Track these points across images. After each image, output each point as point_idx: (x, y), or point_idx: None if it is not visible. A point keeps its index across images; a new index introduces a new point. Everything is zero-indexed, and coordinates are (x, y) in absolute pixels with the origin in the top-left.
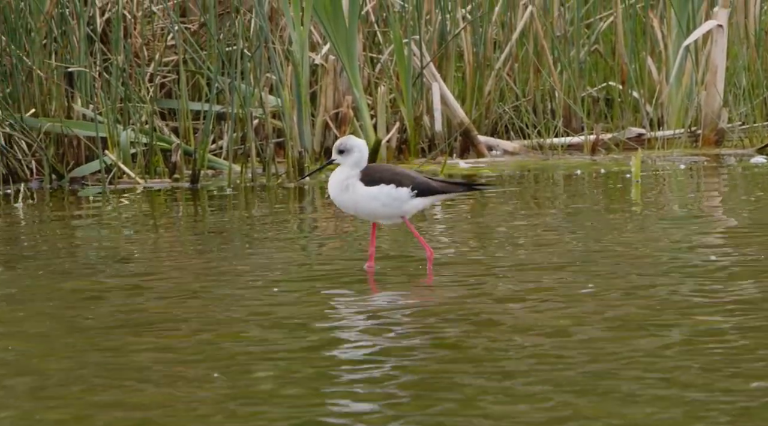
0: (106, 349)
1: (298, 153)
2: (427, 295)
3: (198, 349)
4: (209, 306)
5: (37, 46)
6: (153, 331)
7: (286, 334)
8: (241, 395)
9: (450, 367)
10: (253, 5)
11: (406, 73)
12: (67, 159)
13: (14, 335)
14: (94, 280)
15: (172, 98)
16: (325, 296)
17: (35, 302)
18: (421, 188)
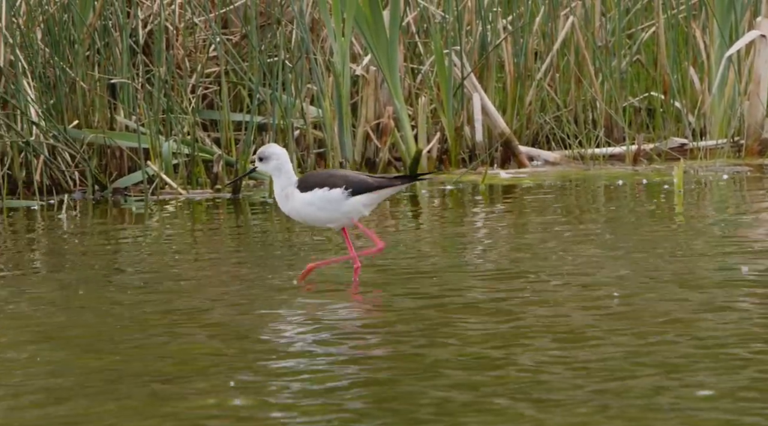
0: (147, 359)
1: (339, 163)
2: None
3: (242, 359)
4: (246, 313)
5: (80, 57)
6: (192, 339)
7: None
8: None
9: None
10: (295, 16)
11: (446, 83)
12: (109, 170)
13: (56, 345)
14: (136, 291)
15: (214, 109)
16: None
17: (76, 312)
18: (356, 187)
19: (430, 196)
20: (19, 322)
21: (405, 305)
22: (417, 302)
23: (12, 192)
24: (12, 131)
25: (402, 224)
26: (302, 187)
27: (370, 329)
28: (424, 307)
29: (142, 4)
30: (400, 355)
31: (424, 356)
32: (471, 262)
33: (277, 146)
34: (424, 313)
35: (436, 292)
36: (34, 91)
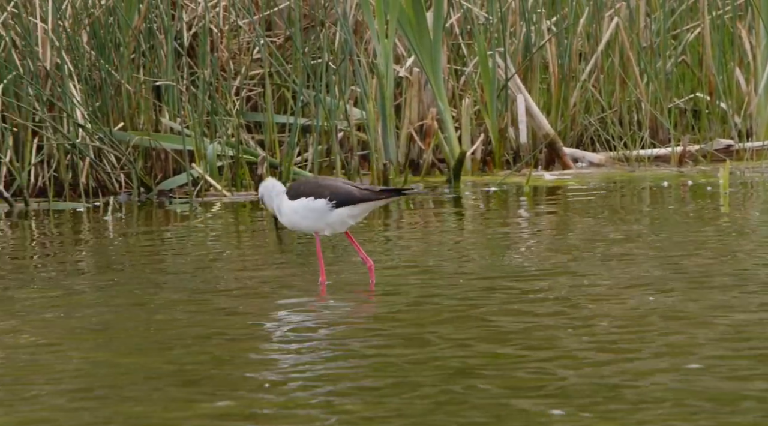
0: (189, 359)
1: (382, 165)
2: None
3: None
4: (290, 317)
5: (125, 60)
6: (238, 341)
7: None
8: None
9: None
10: (338, 19)
11: (490, 85)
12: (155, 172)
13: (101, 344)
14: (179, 292)
15: (258, 111)
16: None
17: (122, 314)
18: (341, 198)
19: (474, 198)
20: (65, 321)
21: (449, 305)
22: (458, 302)
23: (58, 194)
24: (58, 133)
25: (446, 225)
26: (291, 194)
27: (414, 330)
28: (465, 307)
29: (187, 6)
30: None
31: (466, 357)
32: (513, 263)
33: (262, 186)
34: (465, 313)
35: (476, 293)
36: (80, 93)
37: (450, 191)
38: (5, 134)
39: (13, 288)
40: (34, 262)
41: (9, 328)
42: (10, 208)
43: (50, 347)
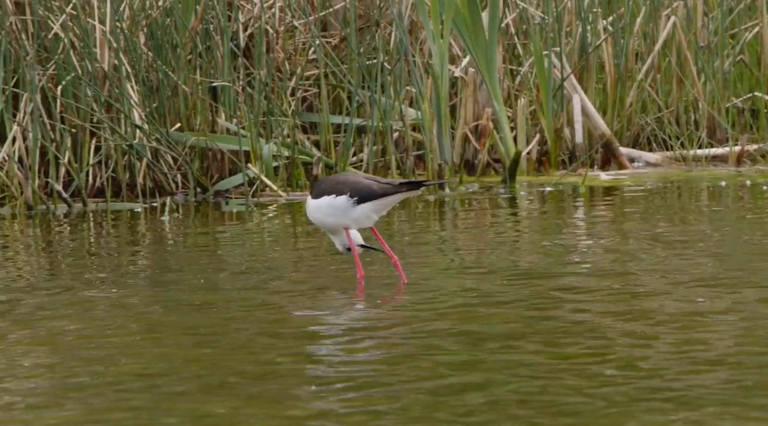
0: (246, 360)
1: (438, 165)
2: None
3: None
4: (341, 314)
5: (182, 61)
6: (293, 341)
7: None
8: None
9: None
10: (394, 19)
11: (546, 84)
12: (211, 172)
13: (160, 343)
14: (236, 293)
15: (314, 112)
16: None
17: (178, 315)
18: (362, 194)
19: (530, 198)
20: (124, 321)
21: (507, 304)
22: (515, 302)
23: (116, 194)
24: (116, 134)
25: (501, 226)
26: (313, 194)
27: (465, 328)
28: (519, 307)
29: (243, 7)
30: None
31: (521, 357)
32: (569, 262)
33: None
34: (519, 314)
35: (531, 293)
36: (137, 94)
37: (505, 191)
38: (64, 135)
39: (73, 288)
40: (92, 262)
41: (74, 329)
42: (68, 209)
43: (112, 348)
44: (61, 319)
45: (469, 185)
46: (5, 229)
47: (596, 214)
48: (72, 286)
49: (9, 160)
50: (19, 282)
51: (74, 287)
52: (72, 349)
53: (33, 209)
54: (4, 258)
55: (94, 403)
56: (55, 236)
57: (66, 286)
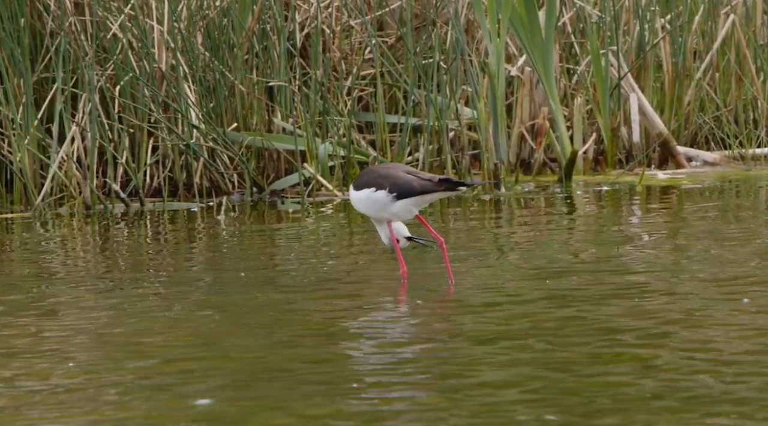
0: (304, 360)
1: (493, 165)
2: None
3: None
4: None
5: (239, 61)
6: (352, 341)
7: None
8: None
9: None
10: (450, 18)
11: (603, 83)
12: (267, 172)
13: (213, 345)
14: (292, 293)
15: (369, 111)
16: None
17: (235, 313)
18: (401, 190)
19: (586, 197)
20: (180, 322)
21: (562, 301)
22: (572, 299)
23: (173, 194)
24: (173, 134)
25: (557, 224)
26: (355, 184)
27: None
28: (579, 304)
29: (300, 7)
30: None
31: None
32: (622, 261)
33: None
34: (579, 311)
35: (583, 292)
36: (194, 94)
37: (561, 191)
38: (122, 135)
39: (130, 286)
40: (149, 261)
41: (140, 328)
42: (126, 209)
43: (176, 345)
44: (118, 315)
45: (525, 184)
46: (64, 228)
47: (653, 213)
48: (129, 284)
49: (68, 160)
50: (76, 279)
51: (131, 284)
52: (125, 346)
53: (91, 209)
54: (63, 256)
55: (159, 398)
56: (112, 235)
57: (123, 283)
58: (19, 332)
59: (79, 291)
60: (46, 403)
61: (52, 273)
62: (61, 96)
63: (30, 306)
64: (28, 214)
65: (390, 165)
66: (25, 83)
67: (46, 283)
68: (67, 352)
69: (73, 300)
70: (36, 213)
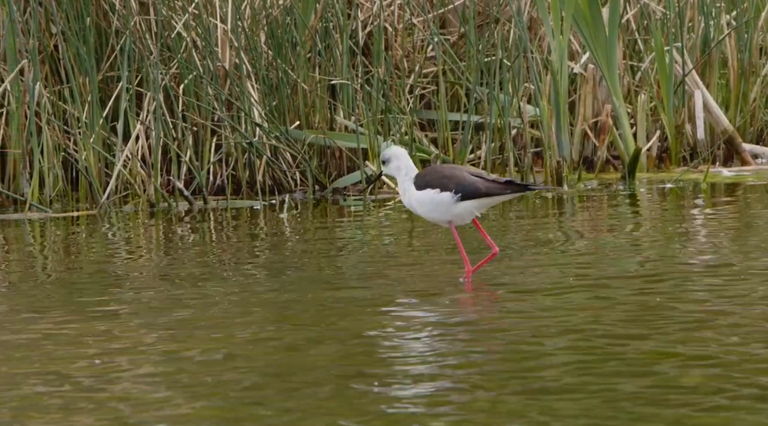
0: (363, 360)
1: (556, 162)
2: None
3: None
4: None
5: (301, 59)
6: (403, 338)
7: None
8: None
9: None
10: (513, 15)
11: (667, 80)
12: (329, 170)
13: (273, 342)
14: (355, 289)
15: (431, 109)
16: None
17: (298, 310)
18: (467, 191)
19: (650, 194)
20: (243, 319)
21: (628, 301)
22: (636, 299)
23: (236, 192)
24: (236, 132)
25: (622, 221)
26: (417, 184)
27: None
28: (643, 305)
29: (362, 5)
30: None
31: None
32: (686, 261)
33: (396, 147)
34: (648, 311)
35: (645, 292)
36: (257, 93)
37: (625, 188)
38: (185, 133)
39: (196, 282)
40: (214, 258)
41: (198, 319)
42: (189, 206)
43: (240, 343)
44: (185, 310)
45: (588, 182)
46: (129, 226)
47: (718, 210)
48: (194, 280)
49: (132, 159)
50: (143, 276)
51: (197, 281)
52: (198, 340)
53: (155, 206)
54: (128, 253)
55: (230, 395)
56: (177, 232)
57: (189, 279)
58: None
59: (144, 288)
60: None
61: (118, 273)
62: (125, 94)
63: (97, 309)
64: (94, 212)
65: (453, 165)
66: (90, 82)
67: (113, 283)
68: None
69: (135, 296)
70: (101, 211)
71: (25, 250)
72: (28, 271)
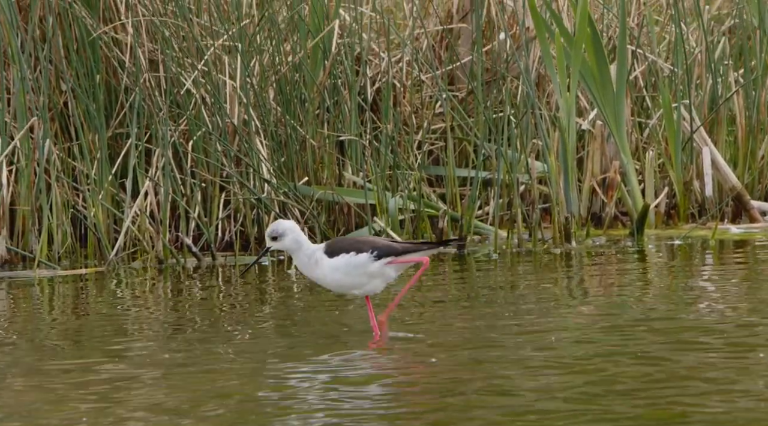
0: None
1: (564, 218)
2: None
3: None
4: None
5: (310, 116)
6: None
7: None
8: None
9: None
10: (521, 72)
11: (675, 137)
12: (338, 226)
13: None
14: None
15: (440, 165)
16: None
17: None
18: (382, 251)
19: (658, 251)
20: (253, 371)
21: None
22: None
23: (244, 248)
24: (245, 189)
25: (628, 278)
26: (329, 252)
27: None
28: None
29: (371, 62)
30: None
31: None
32: (701, 317)
33: (287, 222)
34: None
35: (660, 345)
36: (266, 149)
37: (633, 245)
38: (194, 190)
39: (205, 339)
40: (222, 314)
41: (209, 378)
42: (198, 263)
43: (248, 398)
44: (195, 365)
45: (596, 238)
46: (137, 282)
47: (727, 267)
48: (203, 337)
49: (141, 215)
50: (151, 332)
51: (206, 337)
52: (210, 395)
53: (163, 263)
54: (135, 308)
55: None
56: (185, 289)
57: (198, 336)
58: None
59: (153, 344)
60: None
61: (126, 330)
62: (135, 151)
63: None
64: (102, 269)
65: (358, 235)
66: (99, 138)
67: (121, 339)
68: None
69: (145, 352)
70: (109, 267)
71: (33, 309)
72: (35, 328)
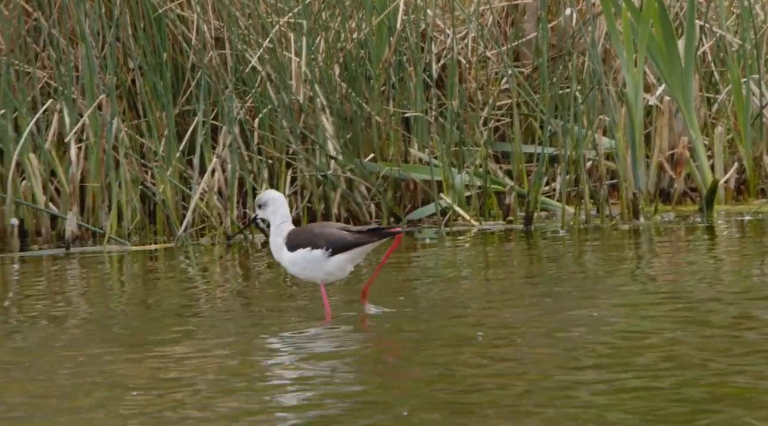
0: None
1: (632, 194)
2: None
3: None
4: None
5: (375, 92)
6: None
7: None
8: None
9: None
10: (587, 48)
11: (744, 112)
12: (404, 202)
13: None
14: (424, 323)
15: (506, 141)
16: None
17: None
18: (336, 245)
19: (728, 227)
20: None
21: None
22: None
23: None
24: (311, 165)
25: (696, 254)
26: (289, 245)
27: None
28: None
29: (436, 38)
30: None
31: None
32: (758, 292)
33: (273, 192)
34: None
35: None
36: (331, 126)
37: (702, 220)
38: (261, 166)
39: (268, 314)
40: (297, 290)
41: (273, 349)
42: (266, 239)
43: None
44: (258, 338)
45: (665, 214)
46: (205, 258)
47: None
48: (267, 313)
49: (209, 192)
50: (219, 307)
51: (269, 313)
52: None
53: (231, 239)
54: (204, 284)
55: None
56: (253, 265)
57: (263, 312)
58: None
59: (220, 317)
60: None
61: (197, 306)
62: (202, 128)
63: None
64: (171, 245)
65: (322, 223)
66: (167, 116)
67: (191, 317)
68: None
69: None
70: (178, 243)
71: (105, 284)
72: (106, 304)
